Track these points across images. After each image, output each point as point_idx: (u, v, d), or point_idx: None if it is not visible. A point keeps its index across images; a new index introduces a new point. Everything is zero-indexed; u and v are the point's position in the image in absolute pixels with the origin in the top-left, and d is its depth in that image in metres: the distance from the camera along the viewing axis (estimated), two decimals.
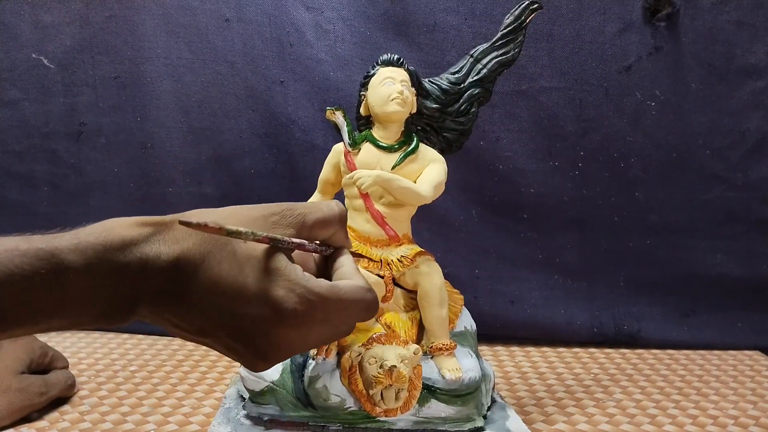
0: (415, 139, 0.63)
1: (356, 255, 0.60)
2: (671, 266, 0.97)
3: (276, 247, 0.30)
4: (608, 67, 0.93)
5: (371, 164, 0.61)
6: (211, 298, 0.28)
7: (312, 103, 0.94)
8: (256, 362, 0.31)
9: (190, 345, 0.92)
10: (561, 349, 0.95)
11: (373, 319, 0.62)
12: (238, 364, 0.77)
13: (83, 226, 0.28)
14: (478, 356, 0.64)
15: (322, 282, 0.30)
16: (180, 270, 0.28)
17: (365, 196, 0.62)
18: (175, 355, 0.88)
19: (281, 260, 0.29)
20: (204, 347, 0.93)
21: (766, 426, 0.69)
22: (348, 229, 0.62)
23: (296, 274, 0.29)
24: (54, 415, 0.67)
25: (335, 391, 0.58)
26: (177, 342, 0.93)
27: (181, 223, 0.26)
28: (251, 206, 0.32)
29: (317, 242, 0.34)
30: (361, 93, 0.63)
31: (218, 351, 0.31)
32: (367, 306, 0.31)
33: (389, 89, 0.60)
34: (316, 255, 0.35)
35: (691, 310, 0.98)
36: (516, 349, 0.95)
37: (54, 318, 0.27)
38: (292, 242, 0.31)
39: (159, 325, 0.30)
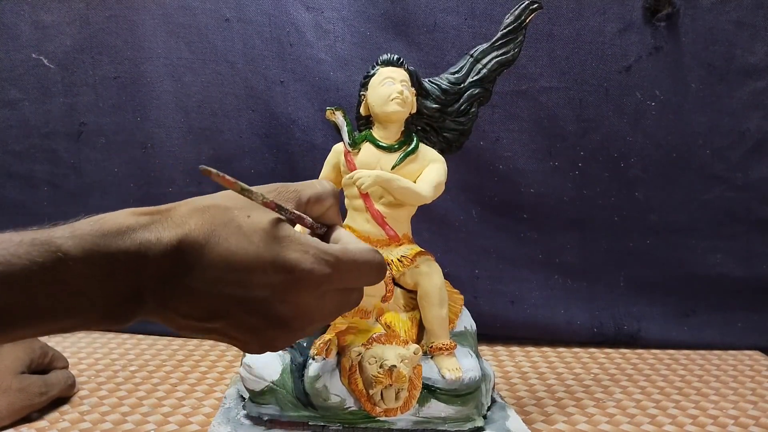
0: (415, 139, 0.63)
1: None
2: (671, 266, 0.97)
3: (279, 216, 0.30)
4: (608, 67, 0.93)
5: (371, 164, 0.61)
6: (222, 274, 0.28)
7: (312, 103, 0.94)
8: (276, 335, 0.30)
9: (191, 345, 0.92)
10: (561, 349, 0.95)
11: (373, 319, 0.62)
12: (239, 363, 0.77)
13: (77, 220, 0.28)
14: (478, 356, 0.64)
15: (333, 245, 0.31)
16: (183, 252, 0.27)
17: (365, 196, 0.62)
18: (175, 355, 0.88)
19: (288, 228, 0.30)
20: (204, 347, 0.92)
21: (766, 426, 0.69)
22: (348, 229, 0.63)
23: (307, 238, 0.30)
24: (54, 415, 0.67)
25: (335, 391, 0.58)
26: (177, 342, 0.93)
27: (202, 170, 0.26)
28: None
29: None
30: (361, 93, 0.63)
31: (230, 336, 0.30)
32: (377, 266, 0.31)
33: (389, 89, 0.60)
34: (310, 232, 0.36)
35: (691, 310, 0.98)
36: (516, 349, 0.95)
37: (59, 316, 0.26)
38: (294, 213, 0.31)
39: (167, 322, 0.29)
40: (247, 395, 0.61)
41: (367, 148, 0.62)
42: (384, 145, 0.62)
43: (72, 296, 0.26)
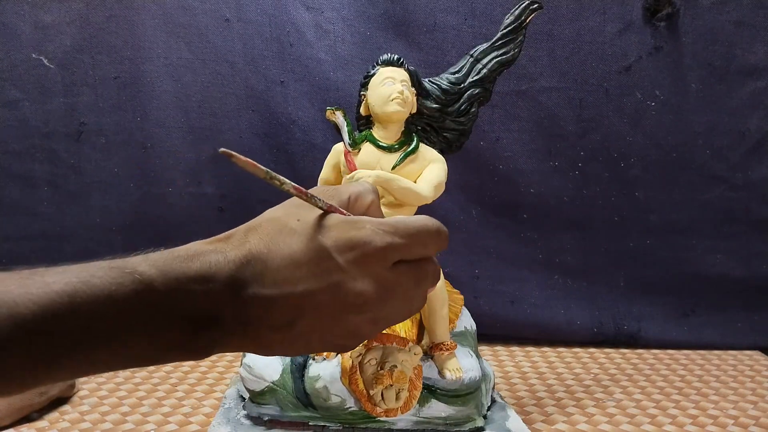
0: (415, 139, 0.63)
1: None
2: (671, 266, 0.97)
3: (325, 211, 0.30)
4: (608, 67, 0.93)
5: (371, 164, 0.61)
6: (289, 274, 0.29)
7: (312, 103, 0.94)
8: (360, 321, 0.30)
9: None
10: (561, 349, 0.95)
11: None
12: (239, 363, 0.77)
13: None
14: (478, 356, 0.64)
15: (387, 219, 0.31)
16: (250, 264, 0.28)
17: None
18: None
19: (338, 216, 0.30)
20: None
21: (766, 426, 0.69)
22: None
23: (360, 218, 0.30)
24: (54, 415, 0.67)
25: (335, 391, 0.58)
26: None
27: (222, 152, 0.27)
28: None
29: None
30: (361, 93, 0.63)
31: (318, 334, 0.30)
32: (437, 231, 0.31)
33: (389, 89, 0.60)
34: None
35: (691, 310, 0.98)
36: (516, 349, 0.95)
37: (138, 338, 0.26)
38: (327, 204, 0.31)
39: (257, 342, 0.29)
40: (247, 395, 0.61)
41: (367, 148, 0.62)
42: (384, 145, 0.62)
43: (151, 316, 0.27)
